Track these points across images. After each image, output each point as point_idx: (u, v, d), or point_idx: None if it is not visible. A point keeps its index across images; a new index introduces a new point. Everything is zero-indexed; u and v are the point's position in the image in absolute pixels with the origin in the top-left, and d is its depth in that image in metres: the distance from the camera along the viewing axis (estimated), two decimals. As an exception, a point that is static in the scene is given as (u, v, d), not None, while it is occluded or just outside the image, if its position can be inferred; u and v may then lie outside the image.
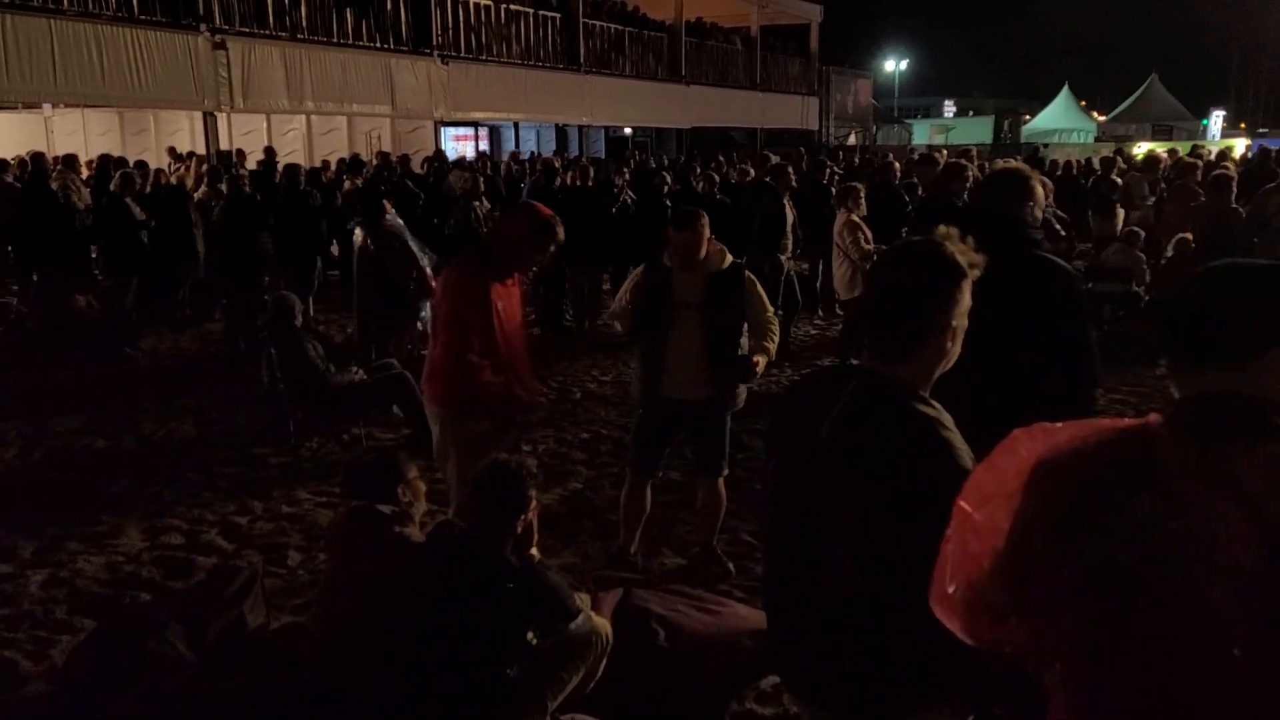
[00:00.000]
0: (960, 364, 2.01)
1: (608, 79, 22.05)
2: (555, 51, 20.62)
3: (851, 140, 32.89)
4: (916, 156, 15.23)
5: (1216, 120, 42.17)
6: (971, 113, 57.81)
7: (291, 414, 6.80)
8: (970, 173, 7.69)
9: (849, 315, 8.82)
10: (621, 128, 26.18)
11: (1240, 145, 26.45)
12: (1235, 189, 9.05)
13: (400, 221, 8.29)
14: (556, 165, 12.10)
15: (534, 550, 3.43)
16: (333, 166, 13.49)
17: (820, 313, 11.18)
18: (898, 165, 11.64)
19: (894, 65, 55.02)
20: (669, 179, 11.74)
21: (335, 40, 15.99)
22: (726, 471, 4.76)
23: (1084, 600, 1.55)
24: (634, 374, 4.84)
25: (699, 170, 13.67)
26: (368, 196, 9.05)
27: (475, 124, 22.84)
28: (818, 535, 2.03)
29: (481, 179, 11.99)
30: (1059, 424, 1.66)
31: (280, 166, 11.94)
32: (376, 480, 3.83)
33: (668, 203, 10.06)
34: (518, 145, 24.33)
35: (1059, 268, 3.45)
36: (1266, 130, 40.58)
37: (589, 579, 4.63)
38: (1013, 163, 4.39)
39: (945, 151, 17.23)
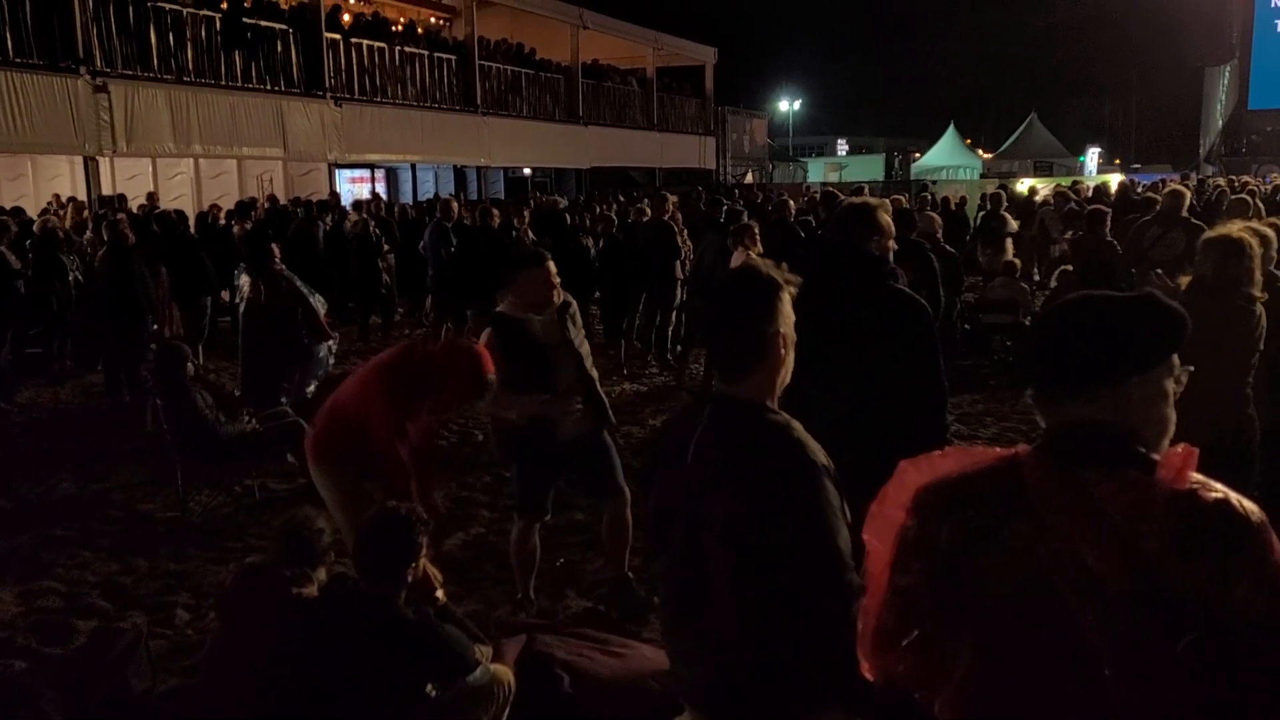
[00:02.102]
0: (819, 390, 2.10)
1: (505, 120, 22.09)
2: (452, 93, 20.59)
3: (749, 178, 33.52)
4: (818, 195, 15.57)
5: (1093, 157, 44.21)
6: (864, 151, 59.52)
7: (179, 467, 6.54)
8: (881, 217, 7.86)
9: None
10: (521, 168, 26.21)
11: (1115, 180, 27.74)
12: (1109, 223, 9.46)
13: (284, 268, 8.11)
14: (455, 207, 11.99)
15: (439, 593, 3.35)
16: (223, 210, 13.13)
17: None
18: (792, 203, 11.88)
19: (788, 105, 56.46)
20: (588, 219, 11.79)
21: (224, 82, 15.68)
22: (628, 491, 4.66)
23: (964, 628, 1.58)
24: (501, 439, 4.72)
25: (598, 210, 13.74)
26: (255, 241, 8.84)
27: (371, 166, 22.60)
28: (699, 555, 2.10)
29: (373, 221, 11.84)
30: (941, 454, 1.72)
31: (157, 211, 11.61)
32: (298, 543, 3.68)
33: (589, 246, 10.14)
34: (415, 187, 24.12)
35: (911, 299, 3.54)
36: (1140, 166, 42.72)
37: (492, 626, 4.54)
38: (865, 199, 4.52)
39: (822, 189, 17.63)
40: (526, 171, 26.64)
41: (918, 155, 49.89)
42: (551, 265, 4.45)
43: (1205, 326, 3.98)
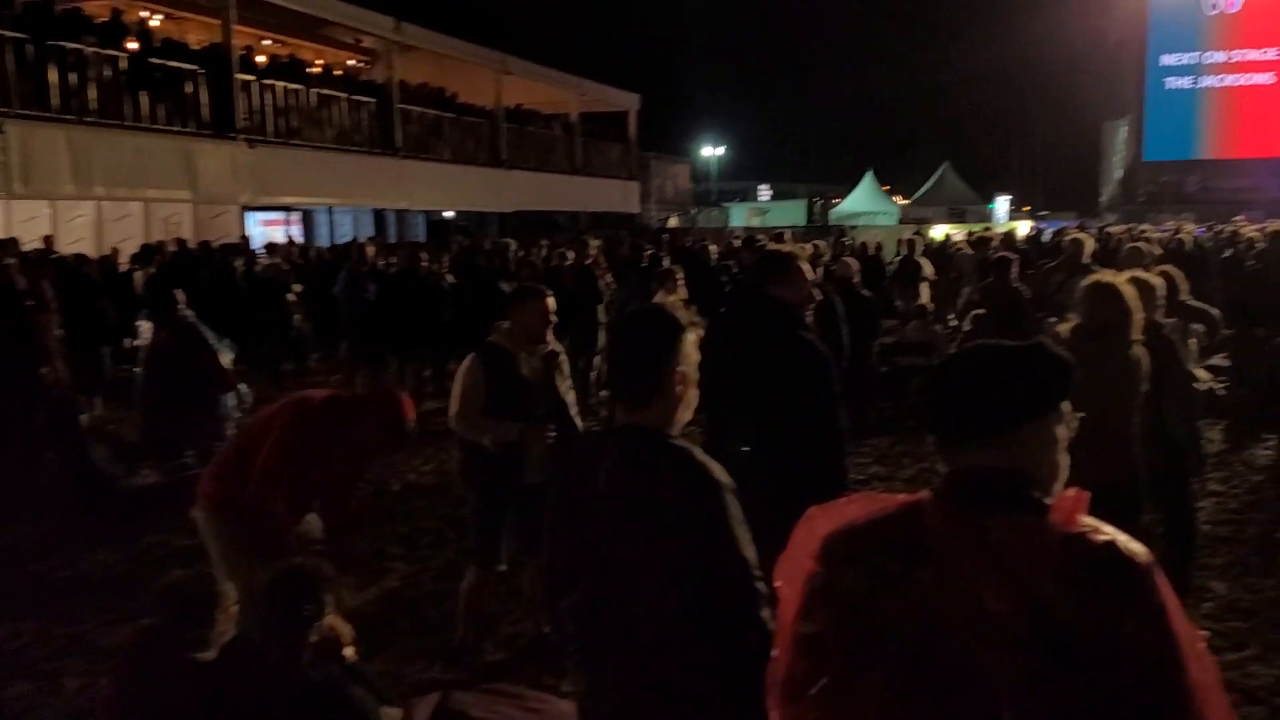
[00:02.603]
0: (731, 430, 2.14)
1: (426, 164, 21.95)
2: (371, 136, 20.42)
3: (672, 222, 33.80)
4: (739, 241, 15.72)
5: (1002, 204, 45.64)
6: (786, 196, 60.56)
7: (74, 523, 6.22)
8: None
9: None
10: (442, 212, 26.04)
11: (1024, 227, 28.66)
12: (1017, 269, 9.71)
13: (192, 314, 7.85)
14: (370, 251, 11.82)
15: (348, 651, 3.20)
16: (125, 254, 12.72)
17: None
18: (714, 248, 11.98)
19: (711, 151, 57.31)
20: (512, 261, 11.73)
21: (129, 123, 15.24)
22: None
23: (870, 674, 1.58)
24: (474, 464, 4.63)
25: (521, 254, 13.67)
26: (159, 286, 8.55)
27: (286, 208, 22.22)
28: (614, 582, 2.15)
29: (287, 265, 11.59)
30: (848, 500, 1.75)
31: (53, 255, 11.20)
32: (192, 602, 3.47)
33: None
34: (332, 230, 23.76)
35: (816, 349, 3.66)
36: (1047, 213, 44.24)
37: (404, 685, 4.37)
38: (779, 247, 4.63)
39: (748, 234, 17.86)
40: (448, 215, 26.47)
41: (837, 201, 50.93)
42: (551, 301, 4.49)
43: (1086, 370, 4.11)
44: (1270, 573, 4.85)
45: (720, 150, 58.69)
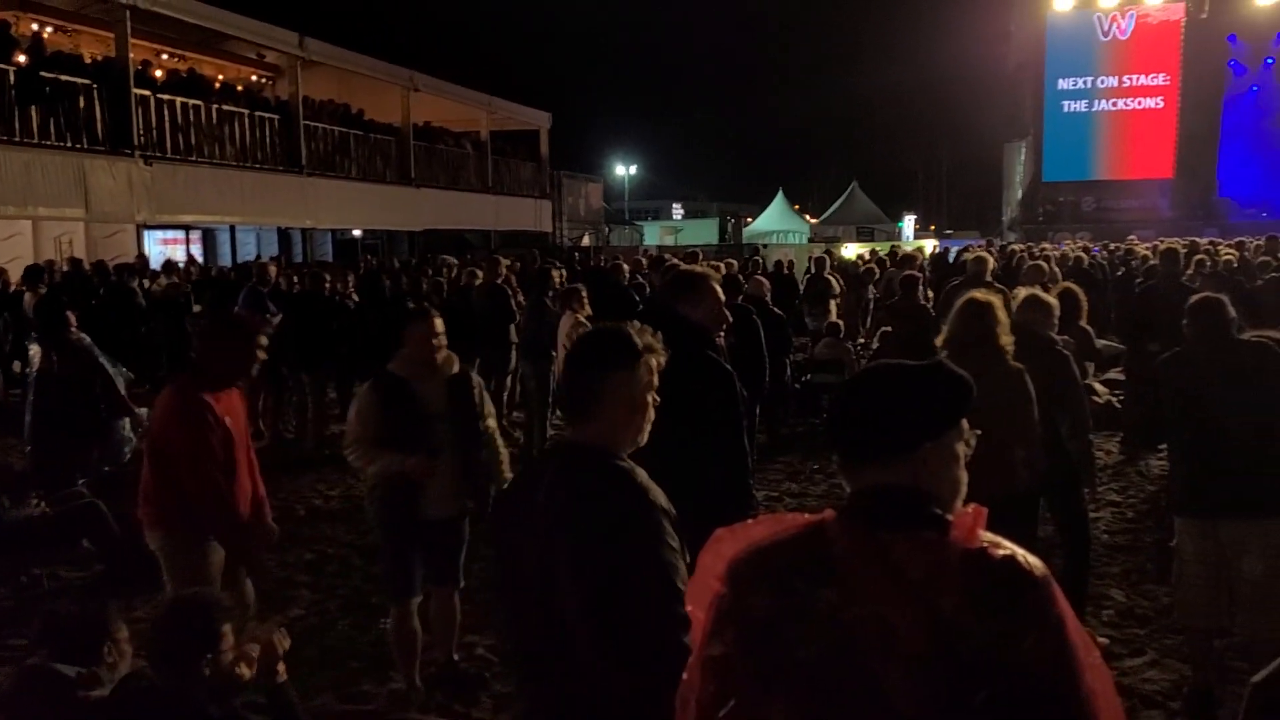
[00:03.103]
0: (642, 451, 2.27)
1: (333, 181, 21.54)
2: (275, 153, 19.95)
3: (585, 241, 33.79)
4: (646, 260, 15.74)
5: (909, 223, 46.78)
6: (698, 215, 61.12)
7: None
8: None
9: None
10: (350, 231, 25.57)
11: (929, 245, 29.39)
12: (922, 287, 9.92)
13: (86, 336, 7.52)
14: (273, 271, 11.50)
15: (280, 668, 3.06)
16: (13, 274, 12.17)
17: (557, 412, 11.15)
18: (626, 266, 11.95)
19: (624, 170, 57.55)
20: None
21: (18, 139, 14.63)
22: (462, 582, 4.54)
23: (776, 695, 1.58)
24: (375, 496, 4.51)
25: (430, 274, 13.45)
26: (49, 308, 8.16)
27: (185, 227, 21.57)
28: (548, 595, 2.13)
29: (188, 285, 11.21)
30: (754, 522, 1.75)
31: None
32: (77, 637, 3.28)
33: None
34: (234, 249, 23.12)
35: (723, 370, 3.65)
36: (951, 232, 45.47)
37: (309, 718, 4.21)
38: (692, 267, 4.63)
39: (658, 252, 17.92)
40: (357, 233, 26.01)
41: (750, 220, 51.60)
42: (437, 323, 4.33)
43: None
44: (1165, 580, 4.99)
45: (633, 169, 59.08)
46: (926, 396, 1.68)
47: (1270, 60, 34.51)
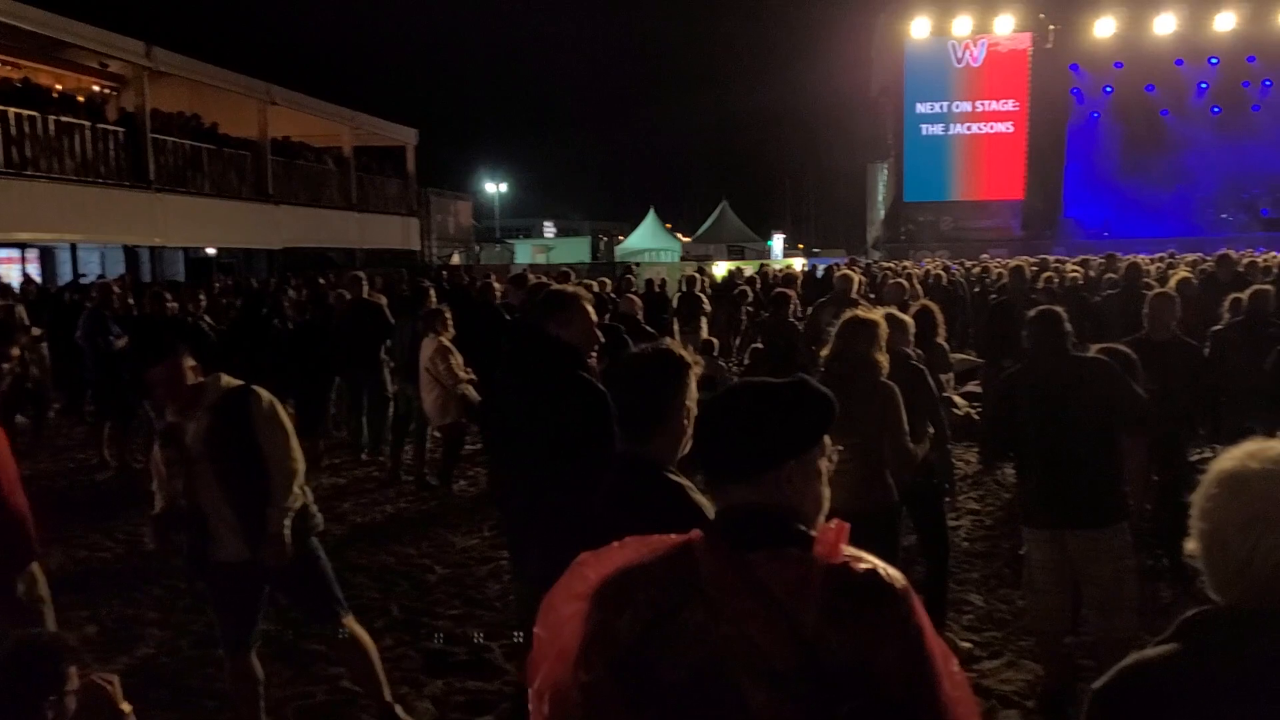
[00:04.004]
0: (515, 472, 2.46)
1: (184, 197, 20.54)
2: (120, 167, 18.88)
3: (455, 260, 33.26)
4: (510, 277, 15.44)
5: (778, 242, 47.80)
6: (570, 233, 61.12)
7: None
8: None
9: (446, 440, 8.58)
10: (203, 249, 24.45)
11: (798, 263, 30.01)
12: (793, 304, 9.98)
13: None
14: (116, 290, 10.81)
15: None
16: None
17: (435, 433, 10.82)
18: (498, 286, 11.66)
19: (494, 187, 57.04)
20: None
21: None
22: (346, 614, 4.15)
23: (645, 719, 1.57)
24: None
25: (288, 293, 12.90)
26: None
27: (21, 245, 20.24)
28: None
29: (21, 307, 10.42)
30: (619, 544, 1.72)
31: None
32: None
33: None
34: (75, 268, 21.80)
35: (595, 389, 3.65)
36: (819, 250, 46.65)
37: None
38: (563, 287, 4.53)
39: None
40: (211, 252, 24.88)
41: (622, 238, 51.84)
42: (183, 361, 3.82)
43: (844, 401, 4.22)
44: (1020, 584, 5.10)
45: (503, 187, 58.61)
46: (789, 414, 1.69)
47: (1109, 89, 36.66)
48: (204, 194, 21.38)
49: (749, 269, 22.60)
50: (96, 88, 21.97)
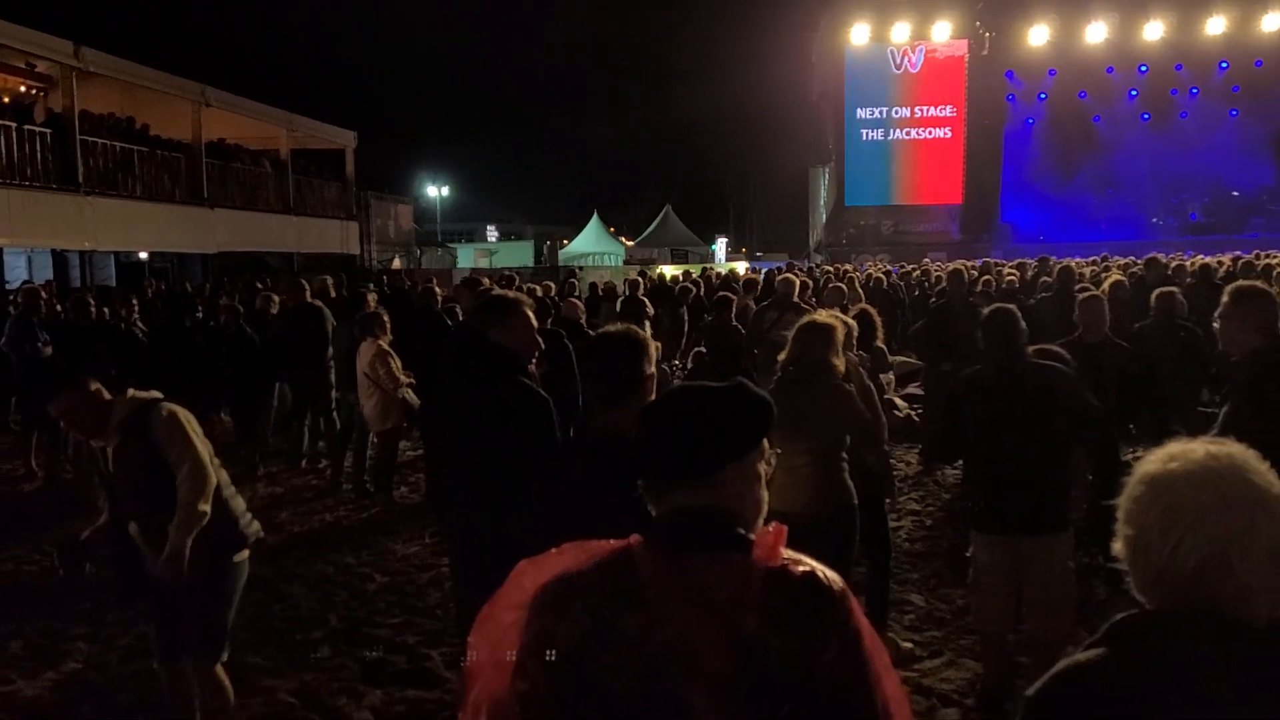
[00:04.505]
0: (454, 477, 2.57)
1: (115, 200, 19.97)
2: (47, 169, 18.33)
3: (396, 264, 32.85)
4: (462, 280, 15.30)
5: (721, 246, 47.98)
6: (513, 237, 60.77)
7: None
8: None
9: (383, 445, 8.46)
10: (135, 253, 23.84)
11: (741, 267, 30.17)
12: (735, 309, 10.00)
13: None
14: (44, 295, 10.51)
15: None
16: None
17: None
18: (439, 290, 11.51)
19: (436, 191, 56.45)
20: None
21: None
22: (220, 659, 3.91)
23: None
24: None
25: (223, 300, 12.61)
26: None
27: (-57, 250, 19.59)
28: None
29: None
30: (558, 551, 1.71)
31: None
32: None
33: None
34: (1, 273, 21.14)
35: (538, 395, 3.68)
36: (762, 254, 46.89)
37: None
38: (504, 292, 4.55)
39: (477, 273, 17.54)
40: (143, 256, 24.26)
41: (566, 242, 51.66)
42: (85, 387, 3.66)
43: (798, 405, 4.29)
44: (961, 583, 5.17)
45: (445, 190, 58.02)
46: (728, 418, 1.69)
47: (1043, 95, 37.47)
48: (136, 197, 20.82)
49: (693, 273, 22.61)
50: (23, 88, 21.30)
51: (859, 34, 36.44)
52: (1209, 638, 1.40)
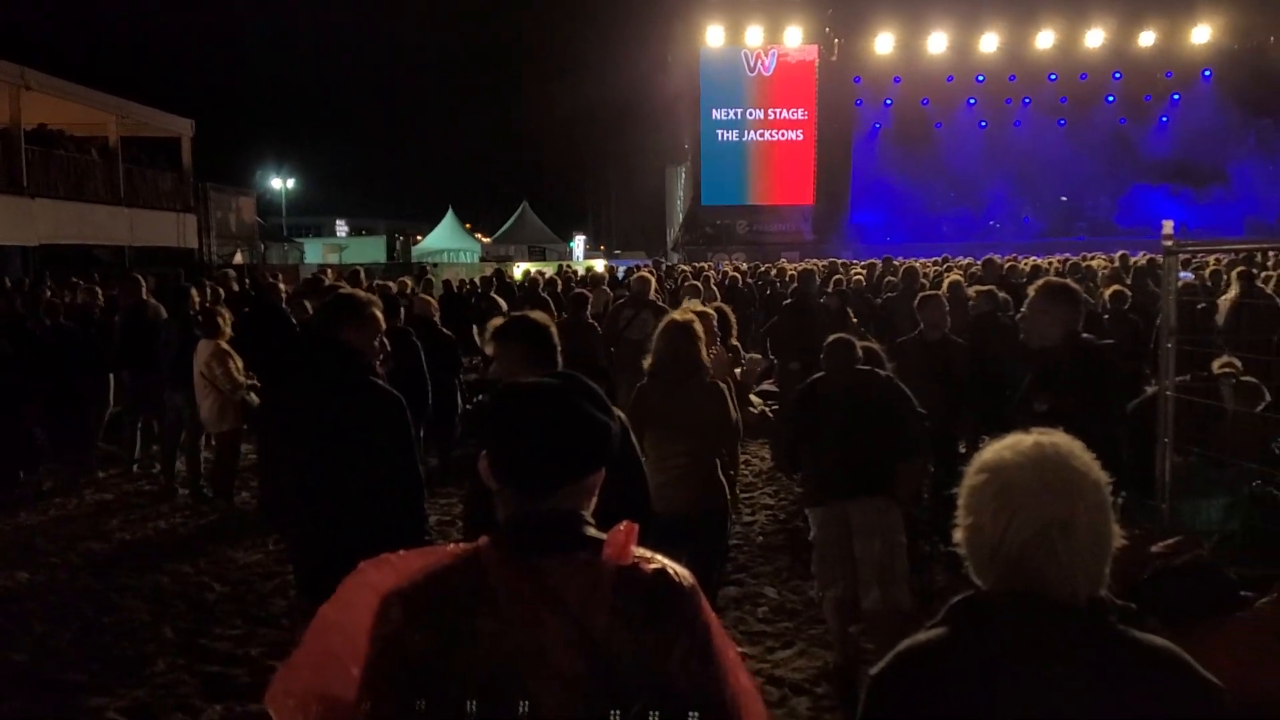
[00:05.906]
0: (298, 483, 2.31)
1: (-79, 189, 18.46)
2: None
3: (239, 258, 31.50)
4: (304, 280, 14.78)
5: (579, 243, 48.00)
6: (364, 232, 59.19)
7: None
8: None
9: (221, 448, 8.07)
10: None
11: (600, 265, 30.17)
12: (590, 307, 9.97)
13: None
14: None
15: None
16: None
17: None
18: (284, 286, 11.05)
19: (281, 183, 54.34)
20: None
21: None
22: None
23: None
24: None
25: (48, 295, 11.78)
26: None
27: None
28: None
29: None
30: (404, 554, 1.67)
31: None
32: None
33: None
34: None
35: (388, 394, 3.64)
36: (620, 252, 47.13)
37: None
38: (353, 290, 4.42)
39: (330, 271, 17.04)
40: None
41: (420, 238, 50.69)
42: None
43: (675, 406, 4.33)
44: (810, 575, 5.30)
45: (291, 183, 55.87)
46: (571, 442, 1.65)
47: (889, 102, 38.92)
48: (-55, 185, 19.32)
49: (549, 270, 22.49)
50: None
51: (714, 35, 36.99)
52: (1036, 616, 1.48)
